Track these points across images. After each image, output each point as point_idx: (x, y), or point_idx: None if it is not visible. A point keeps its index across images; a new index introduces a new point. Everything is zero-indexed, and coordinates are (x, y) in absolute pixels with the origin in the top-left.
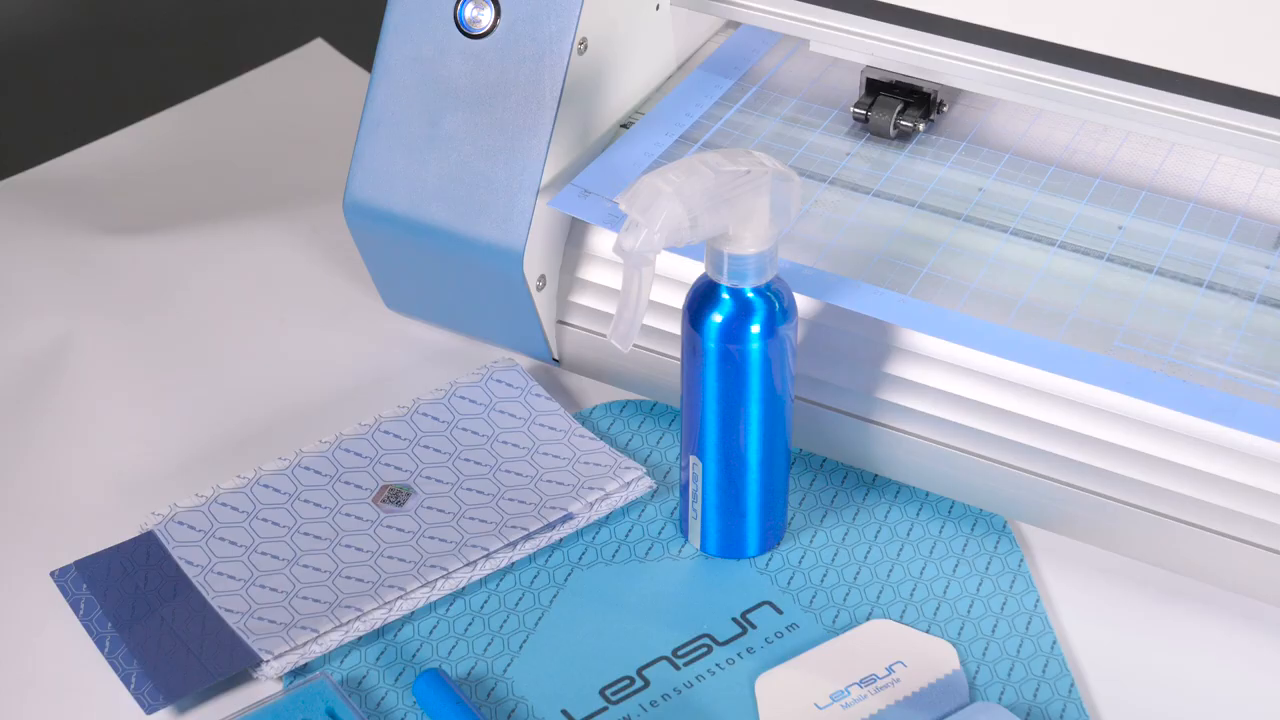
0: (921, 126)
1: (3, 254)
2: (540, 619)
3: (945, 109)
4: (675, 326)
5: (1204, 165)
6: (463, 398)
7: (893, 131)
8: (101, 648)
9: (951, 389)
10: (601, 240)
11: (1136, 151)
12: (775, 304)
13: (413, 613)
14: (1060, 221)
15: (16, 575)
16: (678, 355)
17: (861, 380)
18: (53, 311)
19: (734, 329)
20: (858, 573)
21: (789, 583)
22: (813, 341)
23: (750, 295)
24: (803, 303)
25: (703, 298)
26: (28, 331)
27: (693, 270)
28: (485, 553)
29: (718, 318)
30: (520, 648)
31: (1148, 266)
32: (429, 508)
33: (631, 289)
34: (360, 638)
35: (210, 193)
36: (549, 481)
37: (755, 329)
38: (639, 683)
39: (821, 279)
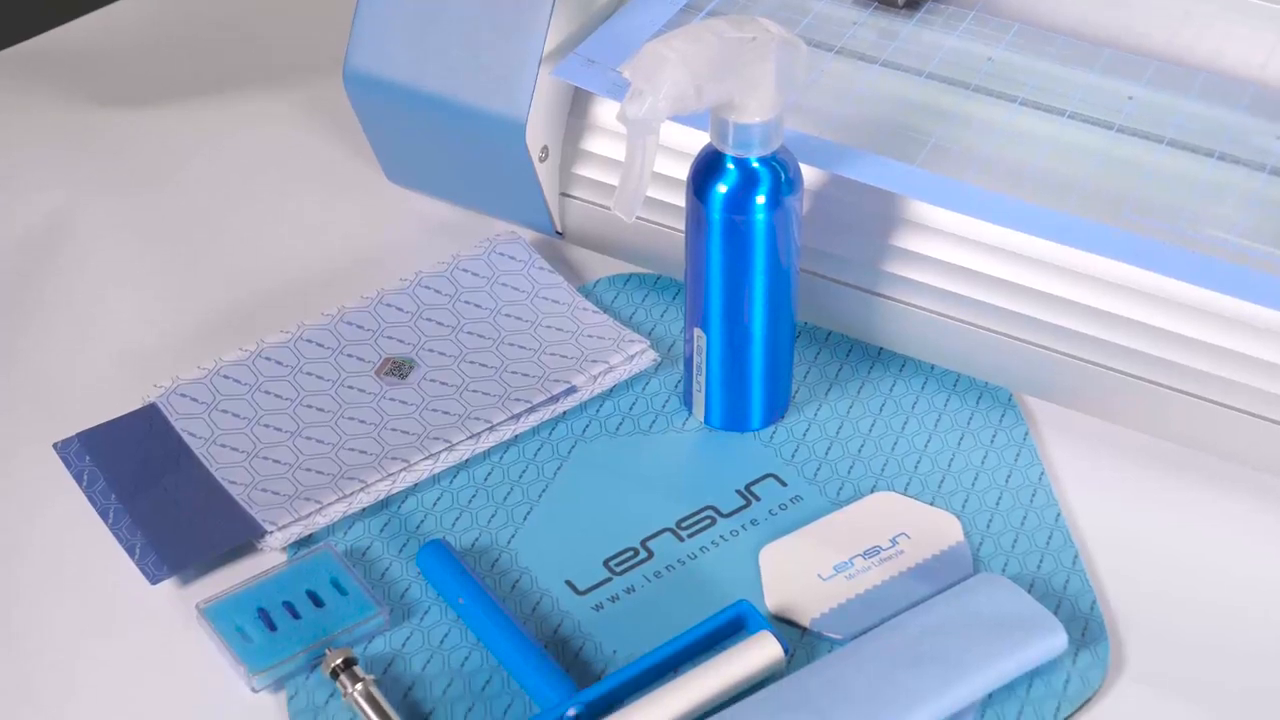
0: None
1: (2, 127)
2: (544, 491)
3: None
4: (679, 198)
5: (1217, 35)
6: (465, 270)
7: (901, 0)
8: (105, 519)
9: (958, 261)
10: (605, 111)
11: (1148, 21)
12: (781, 174)
13: (416, 484)
14: (1070, 92)
15: (19, 447)
16: (682, 227)
17: (867, 252)
18: (52, 186)
19: (739, 199)
20: (862, 445)
21: (793, 455)
22: (818, 213)
23: (755, 165)
24: (809, 173)
25: (707, 168)
26: (28, 206)
27: (697, 141)
28: (488, 425)
29: (722, 188)
30: (524, 519)
31: (1158, 137)
32: (432, 380)
33: (635, 158)
34: (364, 509)
35: (210, 65)
36: (552, 354)
37: (760, 199)
38: (643, 554)
39: (828, 149)
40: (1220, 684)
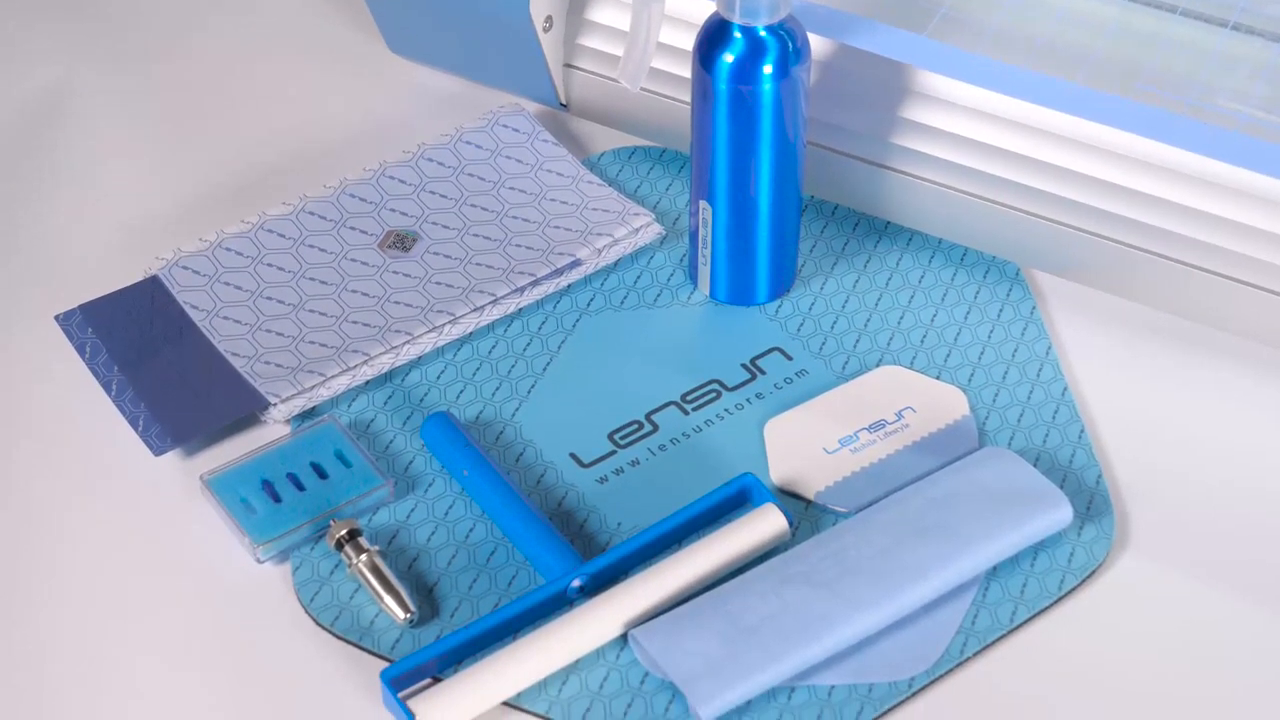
0: None
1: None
2: (548, 364)
3: None
4: (686, 70)
5: None
6: (468, 143)
7: None
8: (108, 391)
9: (967, 133)
10: None
11: None
12: (788, 43)
13: (420, 358)
14: None
15: (21, 319)
16: (688, 99)
17: (876, 124)
18: (53, 58)
19: (746, 69)
20: (868, 319)
21: (799, 329)
22: (826, 84)
23: (763, 34)
24: (816, 43)
25: (714, 37)
26: (28, 77)
27: (703, 10)
28: (492, 298)
29: (729, 58)
30: (528, 393)
31: (1171, 7)
32: (435, 253)
33: (640, 26)
34: (367, 382)
35: None
36: (556, 227)
37: (767, 69)
38: (647, 427)
39: (836, 18)
40: (1224, 558)
